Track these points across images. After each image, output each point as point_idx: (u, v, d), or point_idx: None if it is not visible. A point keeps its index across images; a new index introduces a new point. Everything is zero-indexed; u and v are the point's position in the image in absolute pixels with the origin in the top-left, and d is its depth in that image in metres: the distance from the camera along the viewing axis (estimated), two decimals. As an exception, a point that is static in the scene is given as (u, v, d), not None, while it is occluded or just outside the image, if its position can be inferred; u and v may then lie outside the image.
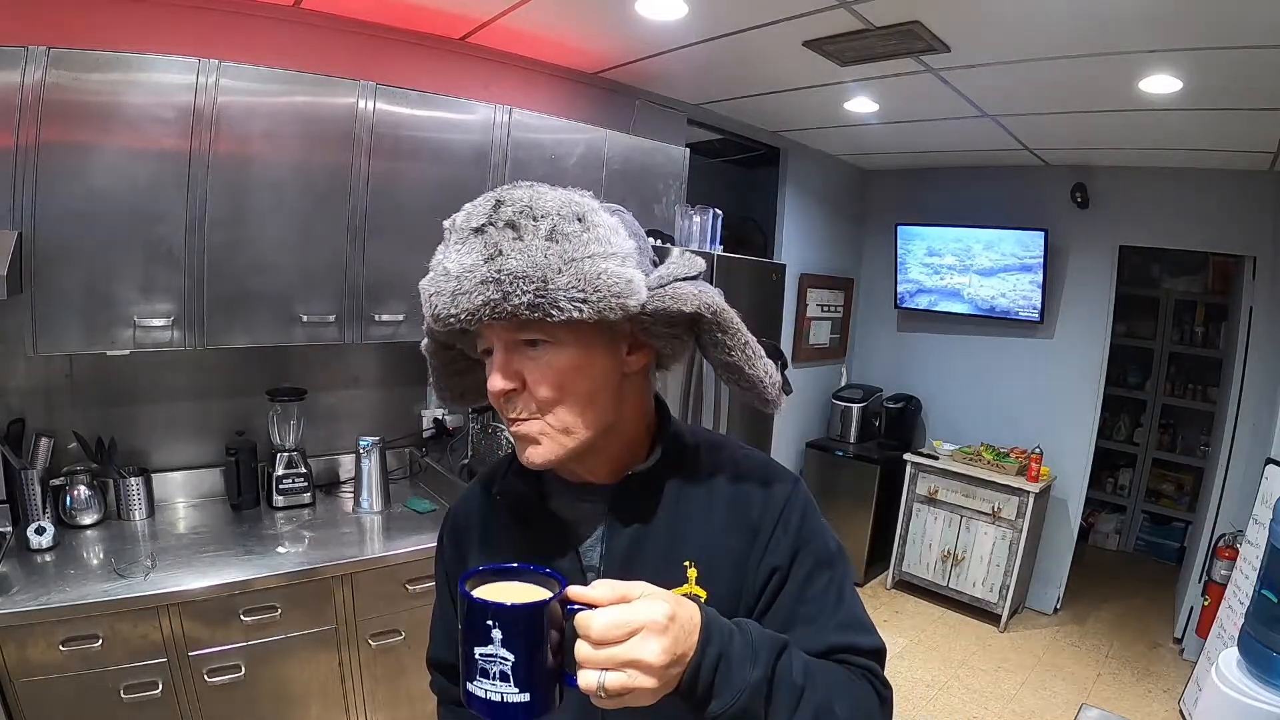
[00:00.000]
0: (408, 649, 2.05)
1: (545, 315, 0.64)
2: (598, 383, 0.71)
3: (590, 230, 0.67)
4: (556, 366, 0.68)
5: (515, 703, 0.56)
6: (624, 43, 2.55)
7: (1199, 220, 3.52)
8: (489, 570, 0.62)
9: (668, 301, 0.69)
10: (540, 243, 0.65)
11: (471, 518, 0.87)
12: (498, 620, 0.56)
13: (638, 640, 0.56)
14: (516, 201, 0.68)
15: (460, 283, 0.65)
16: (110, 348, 1.81)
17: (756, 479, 0.78)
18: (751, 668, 0.61)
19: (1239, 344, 3.56)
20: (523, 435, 0.71)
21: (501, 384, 0.68)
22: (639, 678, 0.56)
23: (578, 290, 0.65)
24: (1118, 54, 2.13)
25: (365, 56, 2.36)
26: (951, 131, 3.34)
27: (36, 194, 1.64)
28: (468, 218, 0.69)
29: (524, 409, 0.70)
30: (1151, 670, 3.36)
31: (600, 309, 0.65)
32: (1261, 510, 2.79)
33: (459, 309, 0.65)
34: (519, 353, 0.69)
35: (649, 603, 0.58)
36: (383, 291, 2.15)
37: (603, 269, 0.66)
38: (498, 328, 0.68)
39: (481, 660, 0.56)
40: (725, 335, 0.72)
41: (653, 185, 2.72)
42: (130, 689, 1.64)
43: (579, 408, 0.70)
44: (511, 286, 0.64)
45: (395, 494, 2.40)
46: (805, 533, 0.76)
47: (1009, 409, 4.08)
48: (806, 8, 2.03)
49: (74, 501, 1.95)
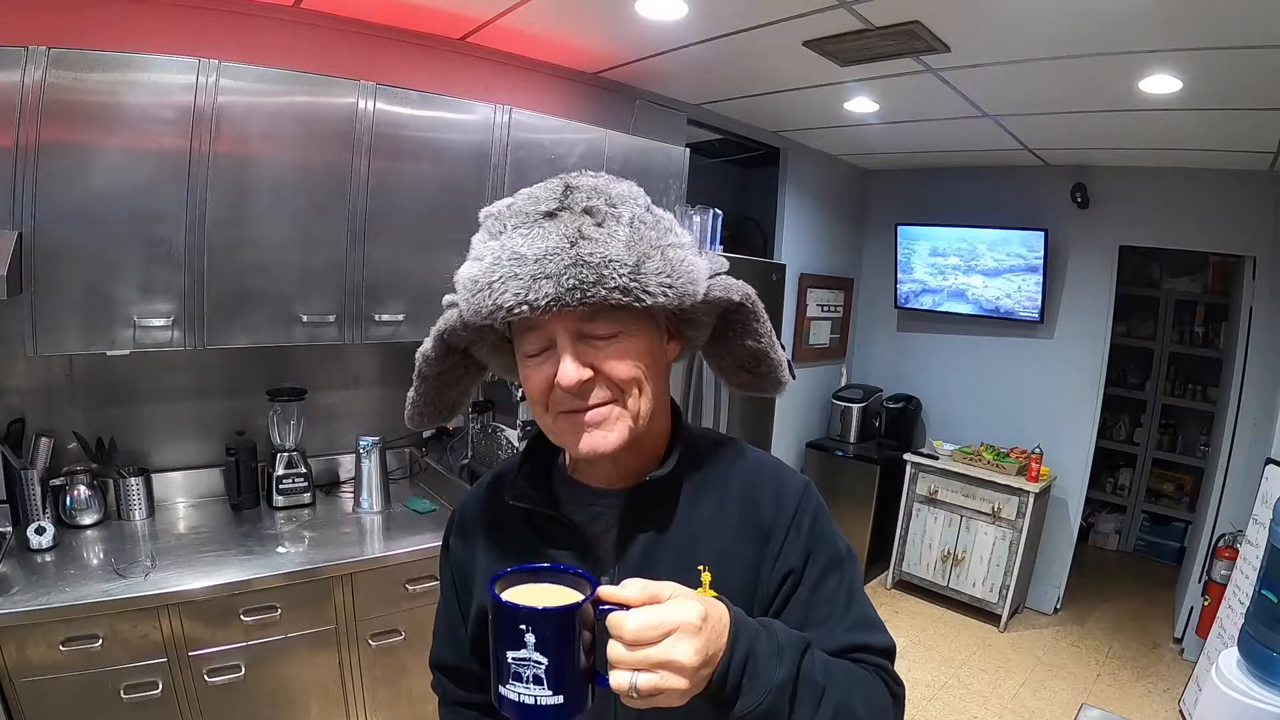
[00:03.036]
0: (408, 649, 2.05)
1: (636, 299, 0.65)
2: (658, 369, 0.72)
3: (661, 220, 0.70)
4: (632, 351, 0.69)
5: (548, 705, 0.56)
6: (624, 43, 2.55)
7: (1199, 220, 3.52)
8: (518, 571, 0.62)
9: (721, 291, 0.72)
10: (625, 229, 0.66)
11: (479, 519, 0.86)
12: (531, 625, 0.55)
13: (671, 641, 0.56)
14: (588, 188, 0.68)
15: (543, 266, 0.63)
16: (110, 348, 1.81)
17: (768, 482, 0.79)
18: (778, 667, 0.61)
19: (1239, 344, 3.56)
20: (591, 422, 0.70)
21: (578, 372, 0.67)
22: (671, 678, 0.55)
23: (665, 276, 0.66)
24: (1118, 54, 2.13)
25: (365, 56, 2.36)
26: (951, 131, 3.34)
27: (36, 194, 1.64)
28: (533, 202, 0.68)
29: (598, 396, 0.69)
30: (1151, 670, 3.36)
31: (681, 294, 0.67)
32: (1261, 510, 2.79)
33: (539, 294, 0.63)
34: (586, 343, 0.68)
35: (682, 603, 0.58)
36: (383, 291, 2.15)
37: (683, 257, 0.68)
38: (567, 317, 0.66)
39: (515, 664, 0.56)
40: (758, 323, 0.75)
41: (653, 185, 2.70)
42: (130, 689, 1.64)
43: (650, 391, 0.71)
44: (607, 270, 0.63)
45: (395, 494, 2.40)
46: (817, 535, 0.76)
47: (1009, 409, 4.08)
48: (806, 8, 2.03)
49: (74, 501, 1.95)
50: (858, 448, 4.18)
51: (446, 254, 2.26)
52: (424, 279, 2.21)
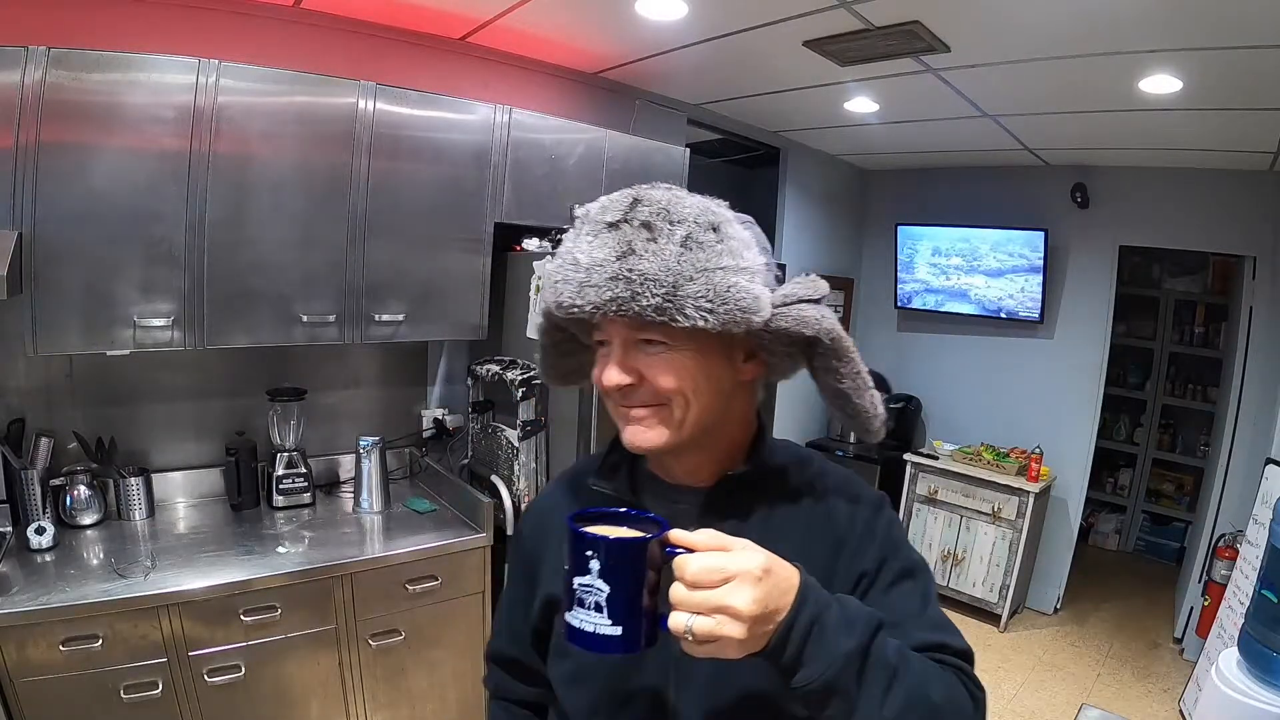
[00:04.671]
0: (408, 649, 2.05)
1: (670, 319, 0.66)
2: (712, 385, 0.72)
3: (724, 242, 0.69)
4: (675, 365, 0.70)
5: (606, 634, 0.58)
6: (624, 43, 2.55)
7: (1199, 220, 3.52)
8: (598, 512, 0.65)
9: (789, 322, 0.70)
10: (674, 248, 0.66)
11: (556, 509, 0.86)
12: (596, 552, 0.58)
13: (730, 587, 0.56)
14: (654, 202, 0.69)
15: (590, 275, 0.67)
16: (110, 348, 1.81)
17: (844, 493, 0.79)
18: (846, 637, 0.60)
19: (1239, 344, 3.55)
20: (635, 418, 0.73)
21: (618, 378, 0.70)
22: (727, 624, 0.56)
23: (706, 300, 0.66)
24: (1118, 54, 2.13)
25: (365, 56, 2.36)
26: (951, 131, 3.34)
27: (36, 194, 1.64)
28: (602, 210, 0.71)
29: (641, 399, 0.72)
30: (1151, 670, 3.36)
31: (725, 321, 0.67)
32: (1261, 510, 2.79)
33: (585, 300, 0.67)
34: (636, 349, 0.70)
35: (746, 553, 0.59)
36: (383, 291, 2.15)
37: (732, 282, 0.67)
38: (619, 323, 0.69)
39: (579, 590, 0.59)
40: (840, 363, 0.73)
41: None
42: (130, 689, 1.64)
43: (697, 405, 0.71)
44: (641, 287, 0.65)
45: (395, 494, 2.40)
46: (892, 543, 0.77)
47: (1009, 409, 4.08)
48: (806, 8, 2.03)
49: (74, 501, 1.95)
50: (858, 448, 4.18)
51: (447, 253, 2.29)
52: (424, 279, 2.21)
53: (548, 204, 2.42)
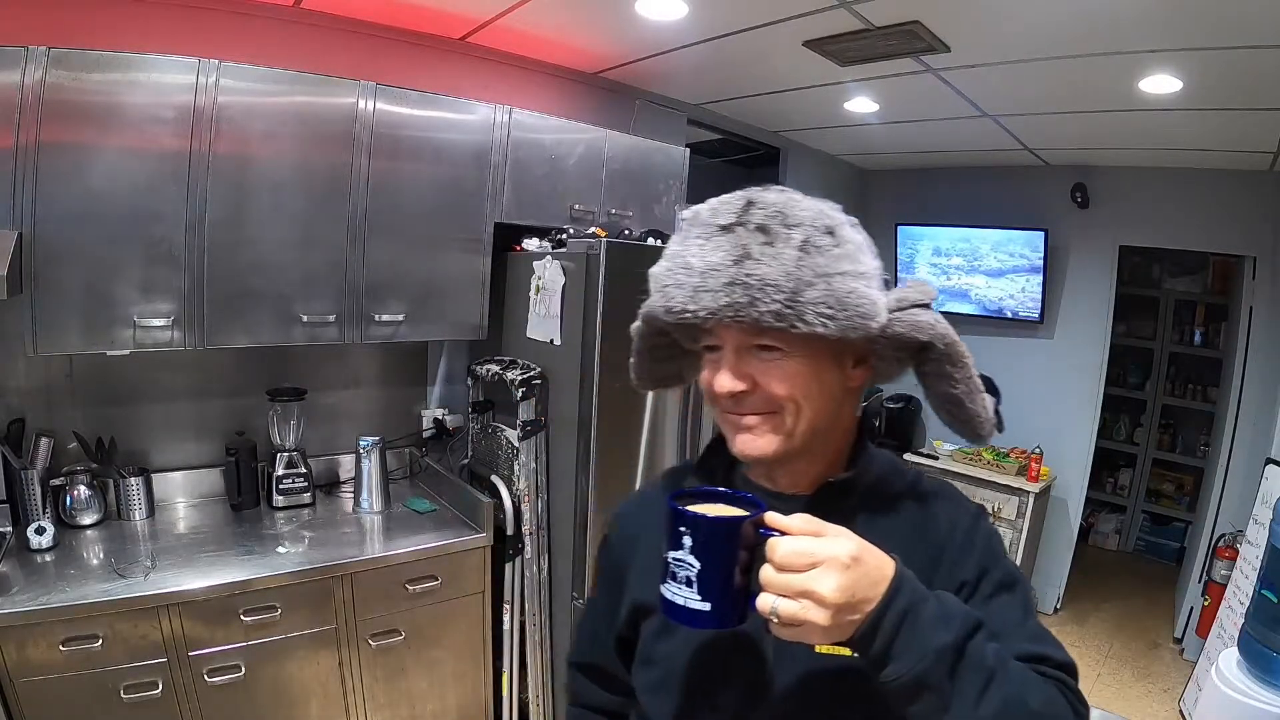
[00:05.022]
0: (408, 649, 2.05)
1: (790, 326, 0.64)
2: (823, 391, 0.71)
3: (840, 246, 0.67)
4: (789, 372, 0.68)
5: (695, 609, 0.60)
6: (624, 43, 2.55)
7: (1199, 220, 3.52)
8: (698, 491, 0.67)
9: (905, 327, 0.69)
10: (792, 252, 0.65)
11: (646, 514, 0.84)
12: (690, 529, 0.60)
13: (817, 572, 0.56)
14: (769, 205, 0.68)
15: (704, 280, 0.65)
16: (110, 348, 1.81)
17: (944, 503, 0.78)
18: (942, 632, 0.58)
19: (1239, 344, 3.55)
20: (744, 426, 0.71)
21: (731, 385, 0.69)
22: (811, 609, 0.55)
23: (826, 306, 0.64)
24: (1118, 54, 2.13)
25: (365, 56, 2.36)
26: (951, 131, 3.34)
27: (36, 194, 1.64)
28: (713, 213, 0.69)
29: (753, 406, 0.70)
30: (1151, 670, 3.36)
31: (844, 328, 0.65)
32: (1261, 510, 2.79)
33: (699, 305, 0.66)
34: (749, 355, 0.69)
35: (837, 540, 0.58)
36: (383, 291, 2.15)
37: (852, 288, 0.66)
38: (733, 329, 0.67)
39: (673, 564, 0.61)
40: (954, 368, 0.72)
41: (653, 185, 2.72)
42: (130, 689, 1.64)
43: (809, 411, 0.70)
44: (761, 293, 0.64)
45: (395, 494, 2.40)
46: (992, 555, 0.75)
47: (1009, 409, 4.03)
48: (806, 8, 2.03)
49: (74, 501, 1.95)
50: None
51: (446, 253, 2.29)
52: (424, 279, 2.21)
53: (548, 204, 2.42)
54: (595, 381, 1.99)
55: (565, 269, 2.07)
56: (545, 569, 2.21)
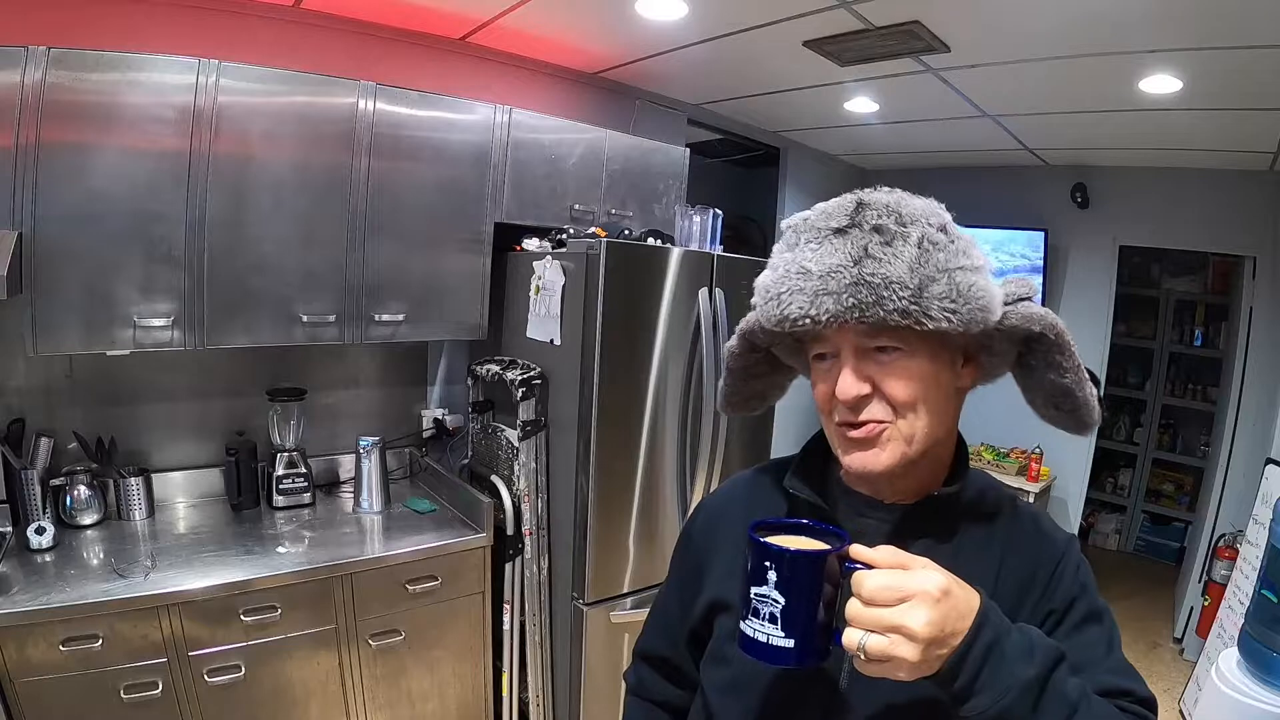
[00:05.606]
0: (408, 649, 2.05)
1: (916, 323, 0.64)
2: (944, 392, 0.70)
3: (955, 241, 0.67)
4: (914, 372, 0.68)
5: (779, 646, 0.58)
6: (624, 43, 2.55)
7: (1199, 220, 3.52)
8: (780, 523, 0.65)
9: (1019, 319, 0.69)
10: (912, 249, 0.65)
11: (735, 510, 0.84)
12: (775, 564, 0.58)
13: (907, 607, 0.55)
14: (880, 205, 0.67)
15: (825, 282, 0.65)
16: (110, 348, 1.81)
17: (1037, 528, 0.77)
18: (1026, 666, 0.57)
19: (1239, 344, 3.55)
20: (863, 439, 0.69)
21: (856, 388, 0.67)
22: (901, 645, 0.54)
23: (950, 301, 0.64)
24: (1118, 54, 2.14)
25: (365, 56, 2.36)
26: (951, 131, 3.34)
27: (36, 194, 1.64)
28: (825, 218, 0.69)
29: (872, 413, 0.69)
30: (1151, 670, 3.36)
31: (968, 320, 0.65)
32: (1261, 510, 2.79)
33: (820, 310, 0.65)
34: (869, 358, 0.68)
35: (925, 573, 0.57)
36: (383, 291, 2.15)
37: (973, 281, 0.65)
38: (850, 332, 0.67)
39: (755, 600, 0.59)
40: (1062, 356, 0.71)
41: (653, 185, 2.72)
42: (130, 689, 1.64)
43: (928, 415, 0.69)
44: (887, 291, 0.63)
45: (395, 494, 2.40)
46: (1081, 584, 0.74)
47: (1008, 409, 4.04)
48: (806, 8, 2.03)
49: (74, 501, 1.95)
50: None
51: (446, 253, 2.29)
52: (424, 279, 2.21)
53: (548, 204, 2.42)
54: (595, 381, 1.99)
55: (565, 269, 2.07)
56: (545, 569, 2.21)
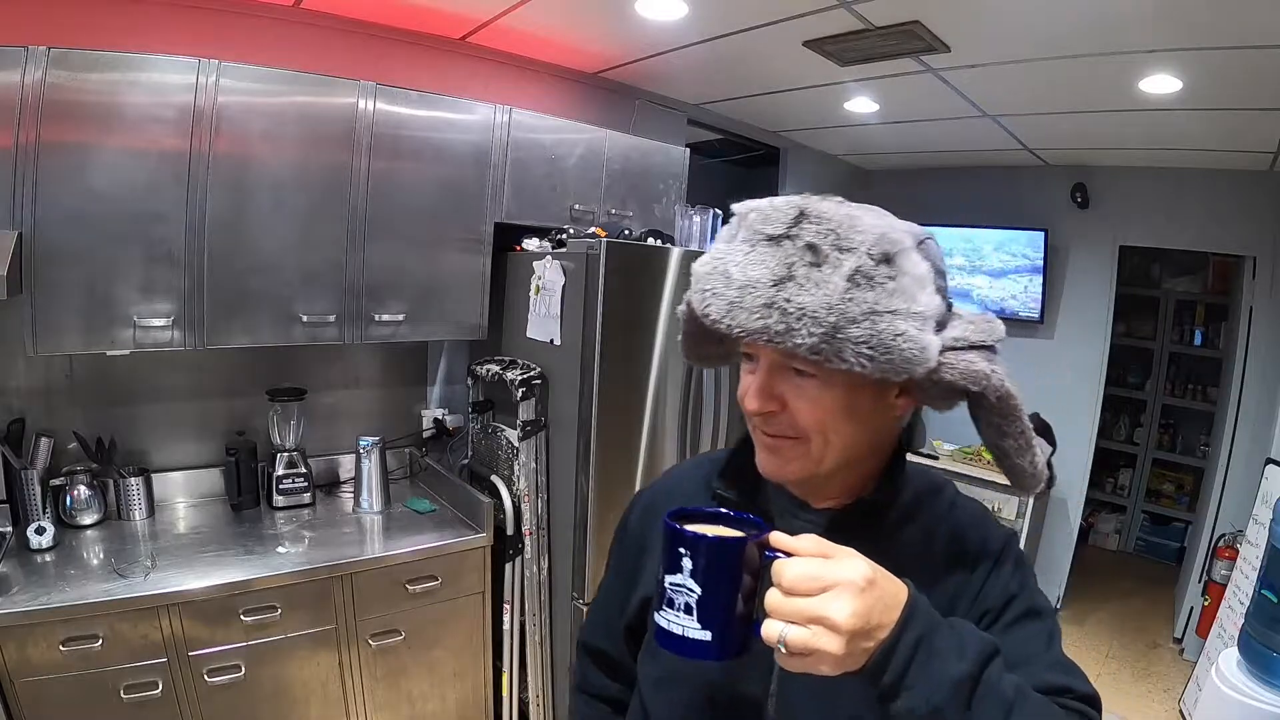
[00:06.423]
0: (408, 649, 2.05)
1: (825, 361, 0.60)
2: (858, 422, 0.67)
3: (897, 279, 0.61)
4: (823, 403, 0.64)
5: (695, 639, 0.55)
6: (624, 43, 2.55)
7: (1199, 220, 3.52)
8: (698, 511, 0.61)
9: (955, 375, 0.64)
10: (840, 282, 0.60)
11: (669, 502, 0.81)
12: (689, 550, 0.55)
13: (829, 596, 0.52)
14: (824, 220, 0.63)
15: (742, 295, 0.61)
16: (110, 348, 1.81)
17: (974, 527, 0.76)
18: (956, 663, 0.55)
19: (1239, 344, 3.55)
20: (770, 448, 0.69)
21: (760, 404, 0.66)
22: (823, 637, 0.51)
23: (867, 347, 0.59)
24: (1118, 54, 2.13)
25: (365, 56, 2.36)
26: (951, 131, 3.34)
27: (36, 194, 1.64)
28: (764, 220, 0.65)
29: (780, 429, 0.67)
30: (1151, 670, 3.36)
31: (885, 370, 0.60)
32: (1261, 510, 2.79)
33: (734, 322, 0.62)
34: (783, 375, 0.65)
35: (849, 561, 0.54)
36: (383, 291, 2.15)
37: (901, 330, 0.60)
38: (767, 348, 0.63)
39: (670, 589, 0.56)
40: (1003, 420, 0.67)
41: (653, 185, 2.72)
42: (130, 689, 1.64)
43: (840, 440, 0.67)
44: (799, 324, 0.59)
45: (395, 494, 2.40)
46: (1019, 582, 0.72)
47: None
48: (806, 8, 2.03)
49: (74, 501, 1.95)
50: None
51: (446, 253, 2.29)
52: (424, 279, 2.21)
53: (548, 204, 2.42)
54: (595, 381, 1.99)
55: (565, 269, 2.07)
56: (545, 569, 2.21)
